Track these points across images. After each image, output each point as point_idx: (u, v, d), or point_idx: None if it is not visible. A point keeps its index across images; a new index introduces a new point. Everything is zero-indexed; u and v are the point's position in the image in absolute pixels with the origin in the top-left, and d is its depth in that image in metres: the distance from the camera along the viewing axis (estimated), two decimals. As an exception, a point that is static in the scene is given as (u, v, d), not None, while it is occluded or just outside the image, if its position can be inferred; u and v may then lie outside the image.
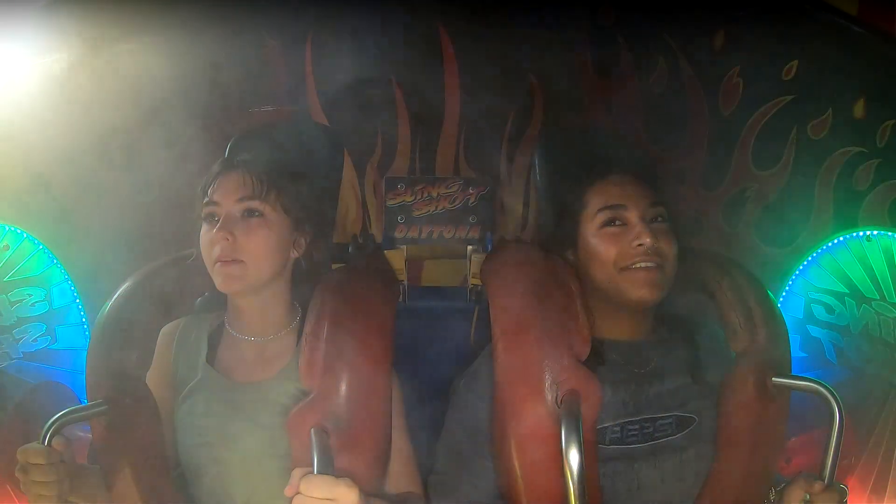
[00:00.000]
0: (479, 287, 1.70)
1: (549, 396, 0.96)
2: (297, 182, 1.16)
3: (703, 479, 1.09)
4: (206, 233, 1.10)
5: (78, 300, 1.83)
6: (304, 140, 1.32)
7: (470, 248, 1.80)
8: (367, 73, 2.29)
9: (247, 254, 1.08)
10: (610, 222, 1.10)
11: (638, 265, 1.06)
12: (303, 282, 1.19)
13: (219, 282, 1.08)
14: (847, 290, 1.64)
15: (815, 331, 1.74)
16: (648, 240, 1.06)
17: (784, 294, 1.79)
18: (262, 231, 1.09)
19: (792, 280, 1.78)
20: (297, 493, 0.86)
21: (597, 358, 1.08)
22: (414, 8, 2.22)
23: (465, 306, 1.73)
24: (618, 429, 1.06)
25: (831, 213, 1.70)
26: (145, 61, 1.84)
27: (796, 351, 1.75)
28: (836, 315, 1.67)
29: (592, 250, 1.11)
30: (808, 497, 1.01)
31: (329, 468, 0.89)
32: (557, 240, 1.18)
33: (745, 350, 1.10)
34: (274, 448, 1.07)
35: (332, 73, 2.31)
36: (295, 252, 1.17)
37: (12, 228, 1.71)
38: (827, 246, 1.69)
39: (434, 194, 1.78)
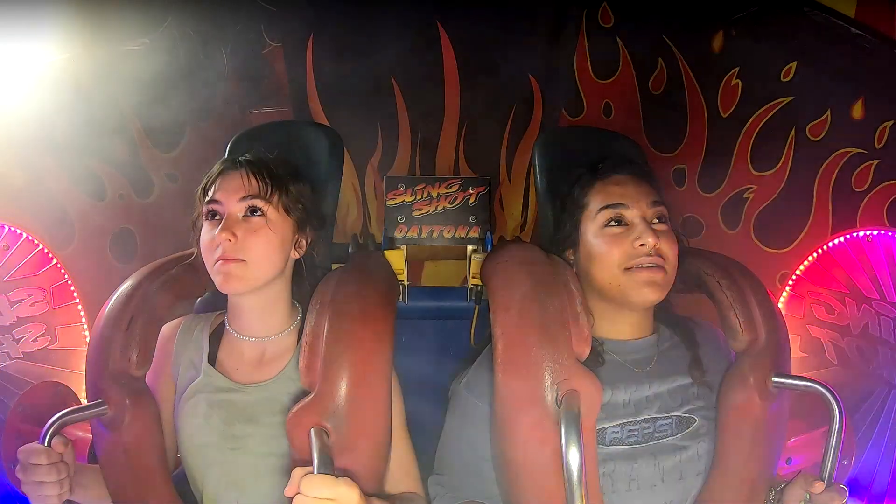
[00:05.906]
0: (479, 287, 1.70)
1: (549, 396, 0.96)
2: (298, 182, 1.16)
3: (703, 479, 1.09)
4: (207, 232, 1.10)
5: (78, 300, 1.83)
6: (304, 140, 1.32)
7: (470, 248, 1.80)
8: (367, 74, 2.29)
9: (249, 253, 1.08)
10: (611, 222, 1.10)
11: (641, 265, 1.07)
12: (303, 282, 1.19)
13: (219, 281, 1.08)
14: (847, 290, 1.64)
15: (815, 331, 1.73)
16: (651, 239, 1.06)
17: (784, 294, 1.79)
18: (265, 231, 1.09)
19: (792, 280, 1.78)
20: (298, 493, 0.86)
21: (597, 358, 1.08)
22: (414, 8, 2.23)
23: (465, 306, 1.73)
24: (618, 429, 1.07)
25: (830, 213, 1.70)
26: (146, 62, 1.84)
27: (796, 351, 1.75)
28: (836, 315, 1.67)
29: (594, 250, 1.11)
30: (808, 497, 1.01)
31: (329, 468, 0.89)
32: (558, 240, 1.19)
33: (745, 350, 1.10)
34: (274, 448, 1.08)
35: (333, 74, 2.31)
36: (296, 253, 1.17)
37: (12, 229, 1.71)
38: (827, 246, 1.69)
39: (434, 194, 1.78)
